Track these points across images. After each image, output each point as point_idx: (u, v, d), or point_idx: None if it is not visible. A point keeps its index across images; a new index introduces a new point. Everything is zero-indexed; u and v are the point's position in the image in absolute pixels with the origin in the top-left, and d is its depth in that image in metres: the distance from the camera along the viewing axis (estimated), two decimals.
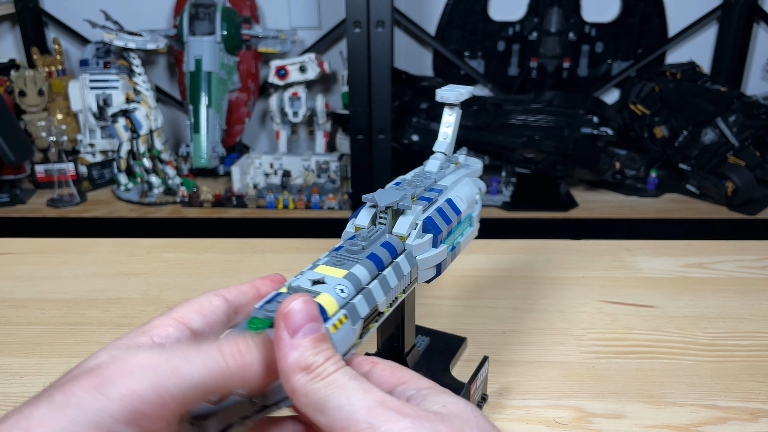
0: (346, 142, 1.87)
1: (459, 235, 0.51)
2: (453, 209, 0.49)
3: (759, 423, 0.52)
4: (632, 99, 1.89)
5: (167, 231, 1.74)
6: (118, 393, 0.27)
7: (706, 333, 0.65)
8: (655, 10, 1.99)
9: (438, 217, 0.47)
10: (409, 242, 0.44)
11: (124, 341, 0.32)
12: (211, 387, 0.29)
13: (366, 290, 0.38)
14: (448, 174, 0.54)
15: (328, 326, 0.35)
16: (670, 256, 0.81)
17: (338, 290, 0.37)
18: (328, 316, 0.35)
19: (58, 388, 0.28)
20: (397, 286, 0.41)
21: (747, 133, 1.71)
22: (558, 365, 0.60)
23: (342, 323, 0.35)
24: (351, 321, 0.36)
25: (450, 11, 2.01)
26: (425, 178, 0.52)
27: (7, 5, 1.98)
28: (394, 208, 0.45)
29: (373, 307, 0.38)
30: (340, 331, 0.35)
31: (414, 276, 0.44)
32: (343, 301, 0.37)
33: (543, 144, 1.70)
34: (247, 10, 1.95)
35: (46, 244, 0.86)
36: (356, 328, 0.37)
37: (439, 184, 0.51)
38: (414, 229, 0.44)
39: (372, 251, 0.41)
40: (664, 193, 1.81)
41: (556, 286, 0.74)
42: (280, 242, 0.86)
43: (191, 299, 0.36)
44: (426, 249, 0.45)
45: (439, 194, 0.49)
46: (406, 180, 0.51)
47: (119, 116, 1.77)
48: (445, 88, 0.55)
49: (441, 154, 0.55)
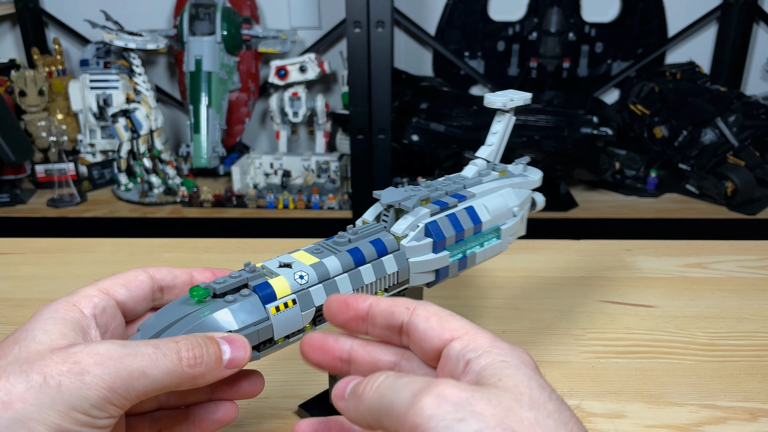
0: (346, 142, 1.87)
1: (476, 245, 0.48)
2: (471, 218, 0.47)
3: (759, 423, 0.52)
4: (632, 99, 1.89)
5: (167, 231, 1.74)
6: (95, 383, 0.30)
7: (705, 333, 0.65)
8: (655, 10, 1.99)
9: (446, 223, 0.45)
10: (404, 243, 0.43)
11: (55, 313, 0.34)
12: (167, 387, 0.32)
13: (330, 281, 0.39)
14: (485, 181, 0.51)
15: (269, 306, 0.37)
16: (669, 256, 0.81)
17: (297, 276, 0.38)
18: (276, 298, 0.37)
19: (28, 366, 0.30)
20: (374, 284, 0.42)
21: (747, 133, 1.71)
22: (558, 365, 0.60)
23: (287, 307, 0.37)
24: (300, 307, 0.38)
25: (450, 11, 2.01)
26: (453, 182, 0.50)
27: (7, 5, 1.98)
28: (395, 207, 0.45)
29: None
30: (282, 313, 0.37)
31: (404, 277, 0.44)
32: (299, 287, 0.38)
33: (543, 144, 1.70)
34: (247, 10, 1.95)
35: (46, 244, 0.86)
36: (306, 314, 0.38)
37: (468, 190, 0.49)
38: (413, 231, 0.44)
39: (356, 246, 0.41)
40: (664, 193, 1.81)
41: (556, 286, 0.74)
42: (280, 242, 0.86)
43: (119, 273, 0.39)
44: (423, 252, 0.44)
45: (459, 200, 0.47)
46: (433, 182, 0.50)
47: (119, 116, 1.77)
48: (496, 93, 0.53)
49: (481, 161, 0.53)
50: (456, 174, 0.52)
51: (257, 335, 0.36)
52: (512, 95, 0.53)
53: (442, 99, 1.84)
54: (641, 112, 1.86)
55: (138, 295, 0.39)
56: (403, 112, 1.81)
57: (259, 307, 0.37)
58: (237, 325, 0.36)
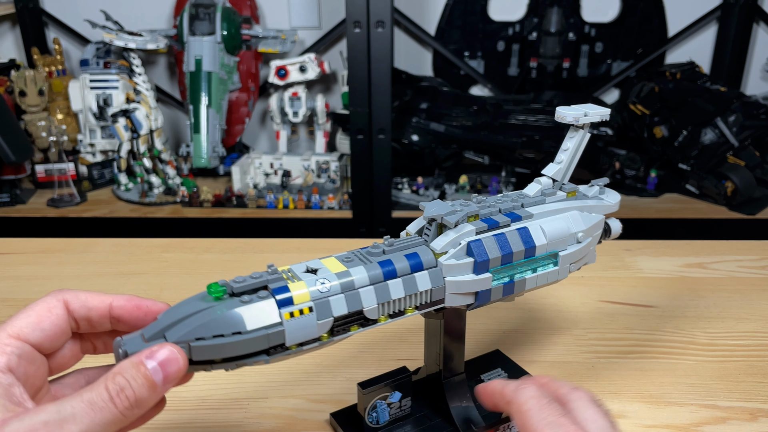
0: (346, 142, 1.87)
1: (528, 270, 0.45)
2: (523, 240, 0.43)
3: (759, 423, 0.52)
4: (632, 99, 1.89)
5: (167, 231, 1.74)
6: None
7: (705, 333, 0.65)
8: (654, 10, 1.99)
9: (492, 243, 0.42)
10: (442, 260, 0.41)
11: None
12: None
13: (354, 292, 0.37)
14: (548, 201, 0.47)
15: (283, 311, 0.36)
16: (669, 256, 0.81)
17: (319, 283, 0.37)
18: (293, 303, 0.36)
19: None
20: (402, 300, 0.40)
21: (747, 133, 1.71)
22: (558, 365, 0.60)
23: (303, 314, 0.36)
24: (317, 315, 0.36)
25: (450, 11, 2.01)
26: (511, 200, 0.46)
27: (7, 5, 1.98)
28: (438, 221, 0.43)
29: (355, 310, 0.38)
30: (297, 320, 0.36)
31: (439, 296, 0.41)
32: (320, 295, 0.37)
33: (543, 144, 1.70)
34: (247, 10, 1.95)
35: (46, 244, 0.86)
36: (322, 324, 0.37)
37: (526, 209, 0.45)
38: (453, 249, 0.41)
39: (389, 258, 0.39)
40: (664, 193, 1.81)
41: (556, 286, 0.74)
42: (280, 242, 0.87)
43: (30, 307, 0.36)
44: (462, 272, 0.41)
45: (513, 220, 0.44)
46: (488, 198, 0.46)
47: (119, 116, 1.77)
48: (570, 107, 0.48)
49: (546, 179, 0.49)
50: (517, 192, 0.49)
51: (267, 339, 0.36)
52: (587, 109, 0.48)
53: (442, 99, 1.84)
54: (641, 112, 1.86)
55: (53, 332, 0.36)
56: (403, 112, 1.81)
57: (273, 311, 0.36)
58: (247, 326, 0.35)
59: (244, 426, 0.52)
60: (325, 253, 0.42)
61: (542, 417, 0.35)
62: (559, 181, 0.49)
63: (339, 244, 0.82)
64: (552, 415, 0.35)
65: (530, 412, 0.36)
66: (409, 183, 1.83)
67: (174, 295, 0.73)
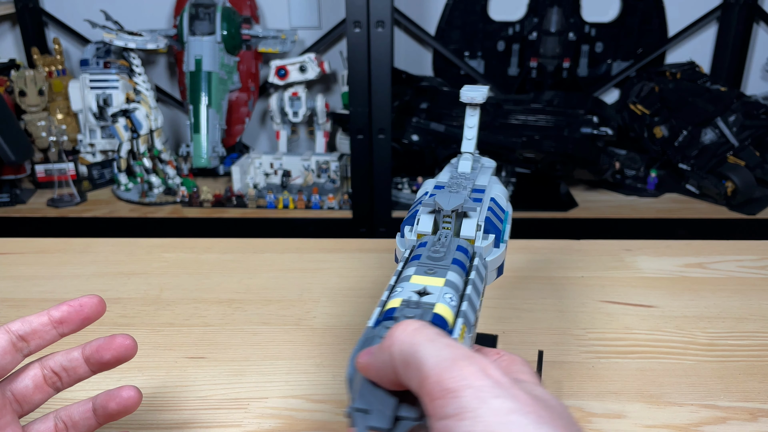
0: (346, 142, 1.87)
1: (505, 234, 0.48)
2: (499, 208, 0.47)
3: (759, 423, 0.52)
4: (632, 99, 1.89)
5: (167, 231, 1.74)
6: None
7: (705, 333, 0.65)
8: (655, 10, 1.99)
9: (494, 217, 0.45)
10: (478, 245, 0.42)
11: None
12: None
13: (467, 296, 0.36)
14: (479, 174, 0.51)
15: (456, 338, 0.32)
16: (669, 256, 0.81)
17: (447, 298, 0.34)
18: (450, 328, 0.32)
19: None
20: (483, 290, 0.40)
21: (747, 133, 1.71)
22: (558, 365, 0.60)
23: (464, 334, 0.33)
24: (468, 330, 0.34)
25: (450, 11, 2.01)
26: (465, 179, 0.49)
27: (7, 5, 1.98)
28: (459, 211, 0.43)
29: (476, 313, 0.36)
30: (464, 344, 0.32)
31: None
32: (455, 309, 0.34)
33: (543, 144, 1.70)
34: (247, 10, 1.95)
35: (46, 244, 0.86)
36: (472, 337, 0.35)
37: (478, 184, 0.49)
38: (479, 231, 0.42)
39: (454, 257, 0.39)
40: (664, 193, 1.81)
41: (556, 286, 0.74)
42: (280, 242, 0.86)
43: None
44: (491, 250, 0.43)
45: (482, 195, 0.47)
46: (450, 182, 0.48)
47: (119, 116, 1.77)
48: (467, 88, 0.53)
49: (470, 155, 0.53)
50: (448, 169, 0.53)
51: None
52: (483, 89, 0.53)
53: (442, 99, 1.84)
54: (641, 112, 1.86)
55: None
56: (403, 112, 1.81)
57: None
58: None
59: (244, 426, 0.52)
60: (326, 253, 0.41)
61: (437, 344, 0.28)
62: (475, 155, 0.55)
63: (339, 244, 0.82)
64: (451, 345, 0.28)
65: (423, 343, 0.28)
66: (409, 183, 1.83)
67: (174, 295, 0.73)
